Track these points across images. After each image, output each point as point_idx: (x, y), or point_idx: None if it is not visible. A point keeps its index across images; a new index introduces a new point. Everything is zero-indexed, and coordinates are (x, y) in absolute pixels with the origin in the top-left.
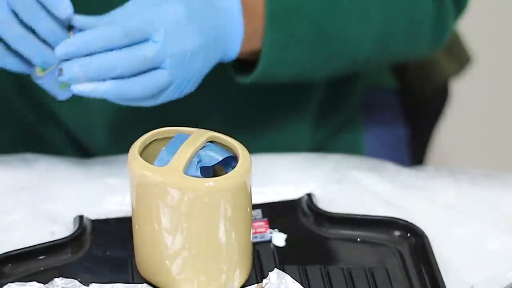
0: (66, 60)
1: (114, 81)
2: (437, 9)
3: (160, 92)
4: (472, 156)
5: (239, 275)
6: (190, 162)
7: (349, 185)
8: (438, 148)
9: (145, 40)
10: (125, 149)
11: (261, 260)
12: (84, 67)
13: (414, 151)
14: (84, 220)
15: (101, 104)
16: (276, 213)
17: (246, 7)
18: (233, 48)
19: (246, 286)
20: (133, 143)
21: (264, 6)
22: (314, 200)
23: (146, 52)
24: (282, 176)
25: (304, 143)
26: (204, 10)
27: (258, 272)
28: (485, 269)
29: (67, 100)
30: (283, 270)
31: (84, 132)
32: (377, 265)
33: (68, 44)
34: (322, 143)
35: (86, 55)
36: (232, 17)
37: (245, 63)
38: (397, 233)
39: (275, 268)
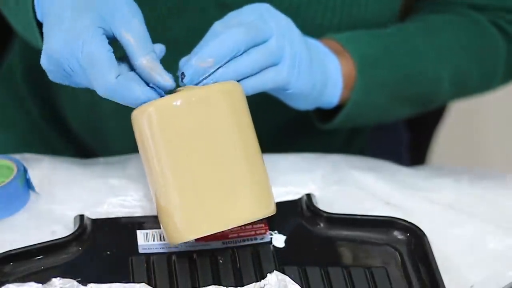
0: None
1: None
2: (508, 48)
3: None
4: (472, 156)
5: (249, 205)
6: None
7: (348, 185)
8: (438, 148)
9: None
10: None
11: (261, 261)
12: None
13: (414, 155)
14: (85, 219)
15: (113, 107)
16: (276, 213)
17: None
18: (332, 99)
19: (245, 285)
20: None
21: (352, 58)
22: (313, 200)
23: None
24: (282, 176)
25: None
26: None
27: (258, 273)
28: (485, 269)
29: (78, 103)
30: (283, 271)
31: (95, 137)
32: (376, 265)
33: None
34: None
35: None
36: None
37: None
38: (396, 233)
39: (274, 270)
